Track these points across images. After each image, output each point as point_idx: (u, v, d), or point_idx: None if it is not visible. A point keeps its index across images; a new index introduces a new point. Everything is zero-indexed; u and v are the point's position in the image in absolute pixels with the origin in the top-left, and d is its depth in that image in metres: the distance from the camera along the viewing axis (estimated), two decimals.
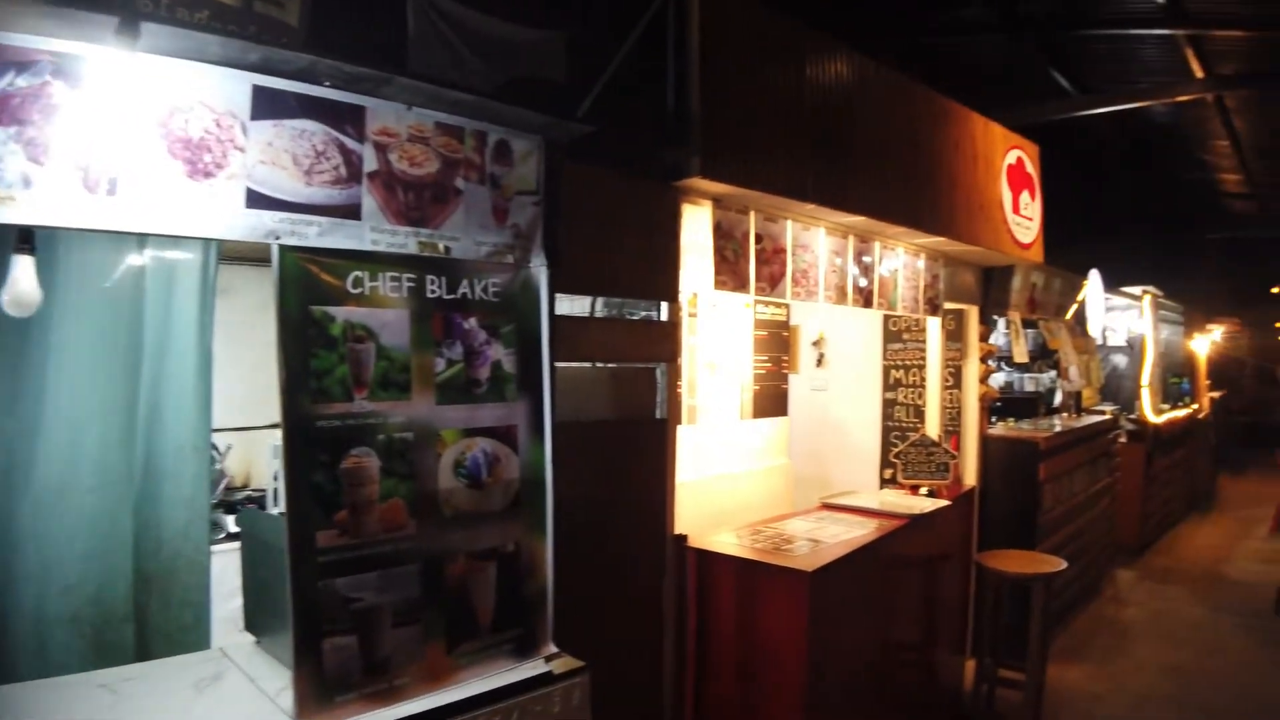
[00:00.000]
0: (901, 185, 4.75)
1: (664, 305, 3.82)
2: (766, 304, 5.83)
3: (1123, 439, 9.94)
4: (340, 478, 2.31)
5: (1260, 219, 15.07)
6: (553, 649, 2.79)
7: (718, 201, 3.94)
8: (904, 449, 5.30)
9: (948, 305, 6.22)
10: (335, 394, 2.31)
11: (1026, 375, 10.66)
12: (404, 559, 2.43)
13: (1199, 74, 7.86)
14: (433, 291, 2.54)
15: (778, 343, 5.96)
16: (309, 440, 2.27)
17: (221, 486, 4.51)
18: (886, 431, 6.48)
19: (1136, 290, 11.07)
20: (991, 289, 6.65)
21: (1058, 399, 9.54)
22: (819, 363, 7.03)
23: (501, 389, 2.71)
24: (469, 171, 2.66)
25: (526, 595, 2.74)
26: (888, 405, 6.60)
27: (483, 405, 2.66)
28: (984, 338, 6.57)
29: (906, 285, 5.38)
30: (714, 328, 5.42)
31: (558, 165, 2.92)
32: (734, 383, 5.56)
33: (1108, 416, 9.24)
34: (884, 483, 6.02)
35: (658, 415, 3.79)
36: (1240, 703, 5.90)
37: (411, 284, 2.49)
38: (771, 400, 5.84)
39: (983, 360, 6.51)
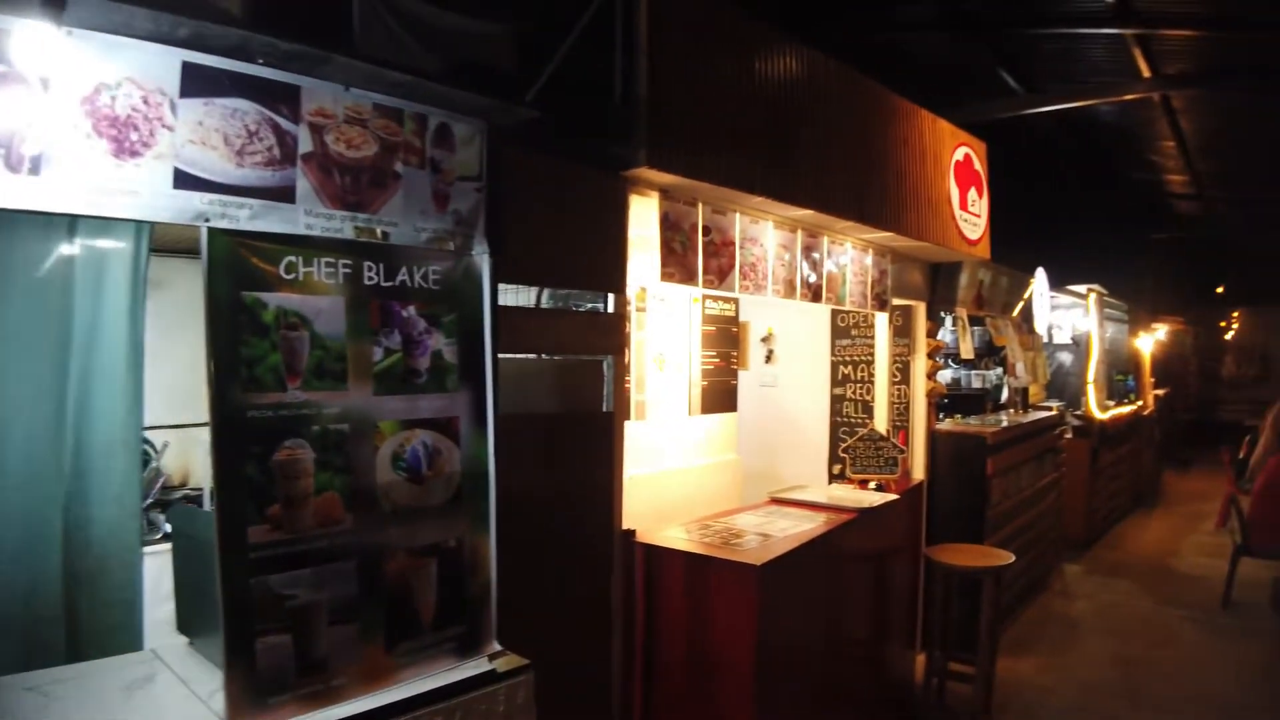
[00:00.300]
0: (849, 179, 4.74)
1: (611, 297, 3.77)
2: (715, 299, 5.83)
3: (1069, 435, 10.06)
4: (273, 470, 2.23)
5: (1205, 220, 15.34)
6: (496, 647, 2.73)
7: (665, 193, 3.90)
8: (852, 443, 5.30)
9: (895, 301, 6.23)
10: (267, 383, 2.24)
11: (974, 372, 10.73)
12: (340, 555, 2.36)
13: (1146, 73, 7.94)
14: (370, 278, 2.47)
15: (726, 338, 5.94)
16: (239, 431, 2.19)
17: (158, 485, 4.39)
18: (835, 427, 6.50)
19: (1082, 289, 11.22)
20: (939, 285, 6.69)
21: (1004, 395, 9.61)
22: (768, 359, 7.05)
23: (442, 379, 2.64)
24: (408, 155, 2.60)
25: (469, 592, 2.68)
26: (836, 401, 6.62)
27: (423, 396, 2.59)
28: (931, 334, 6.61)
29: (855, 280, 5.38)
30: (662, 322, 5.37)
31: (502, 151, 2.86)
32: (682, 378, 5.52)
33: (1053, 412, 9.32)
34: (833, 478, 6.03)
35: (604, 408, 3.74)
36: (1188, 693, 5.98)
37: (348, 270, 2.42)
38: (720, 396, 5.82)
39: (930, 356, 6.53)
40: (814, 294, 4.97)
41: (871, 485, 5.20)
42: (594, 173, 3.60)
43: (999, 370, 9.80)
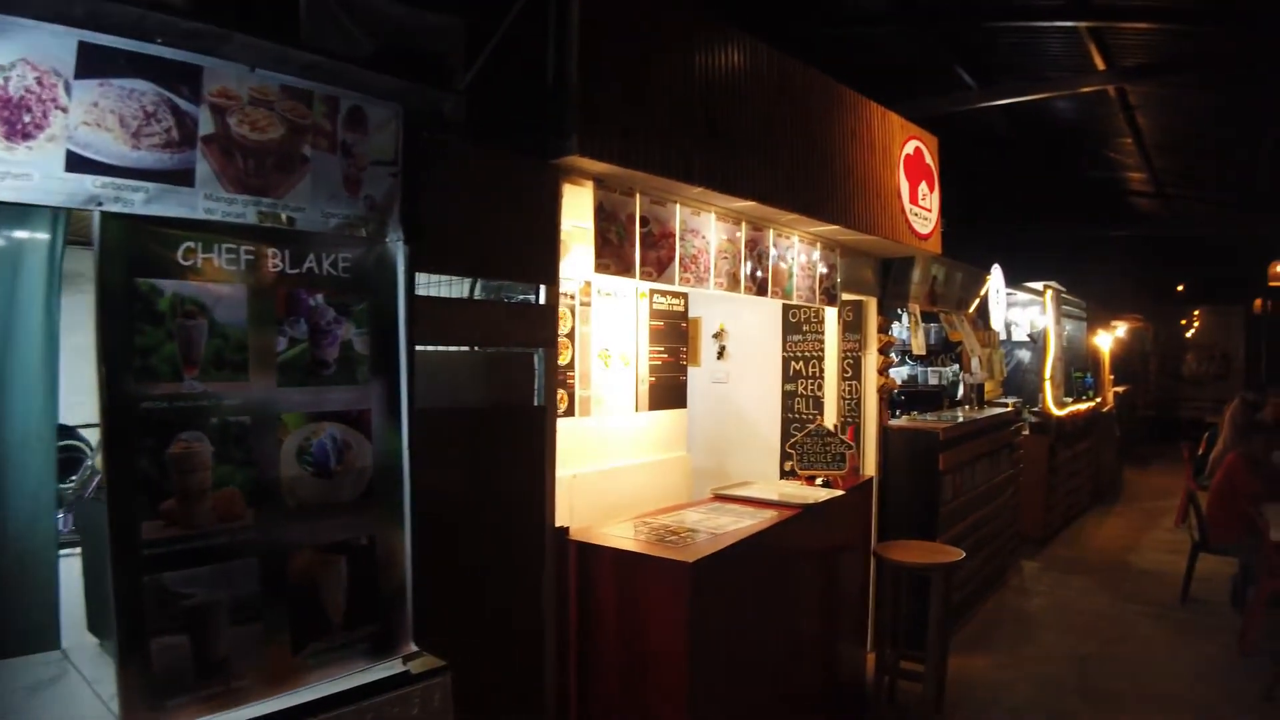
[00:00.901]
0: (793, 171, 4.71)
1: (543, 288, 3.69)
2: (664, 294, 5.79)
3: (1026, 432, 10.10)
4: (168, 464, 2.14)
5: (1165, 218, 15.46)
6: (413, 648, 2.65)
7: (600, 182, 3.85)
8: (800, 439, 5.26)
9: (846, 296, 6.22)
10: (162, 373, 2.15)
11: (930, 369, 10.76)
12: (241, 552, 2.27)
13: (1100, 66, 7.96)
14: (275, 265, 2.38)
15: (675, 334, 5.90)
16: (132, 423, 2.11)
17: (94, 484, 4.28)
18: (787, 423, 6.49)
19: (1039, 285, 11.27)
20: (891, 281, 6.68)
21: (960, 392, 9.63)
22: (720, 355, 7.03)
23: (353, 371, 2.55)
24: (318, 139, 2.51)
25: (383, 591, 2.60)
26: (788, 397, 6.61)
27: (331, 388, 2.50)
28: (883, 329, 6.59)
29: (802, 274, 5.35)
30: (608, 317, 5.32)
31: (421, 136, 2.79)
32: (629, 374, 5.48)
33: (1009, 409, 9.34)
34: (785, 474, 6.00)
35: (536, 403, 3.67)
36: (1144, 689, 5.99)
37: (250, 257, 2.33)
38: (669, 392, 5.80)
39: (881, 351, 6.53)
40: (760, 288, 4.94)
41: (819, 481, 5.17)
42: (524, 160, 3.54)
43: (955, 367, 9.83)
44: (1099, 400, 13.43)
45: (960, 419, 7.62)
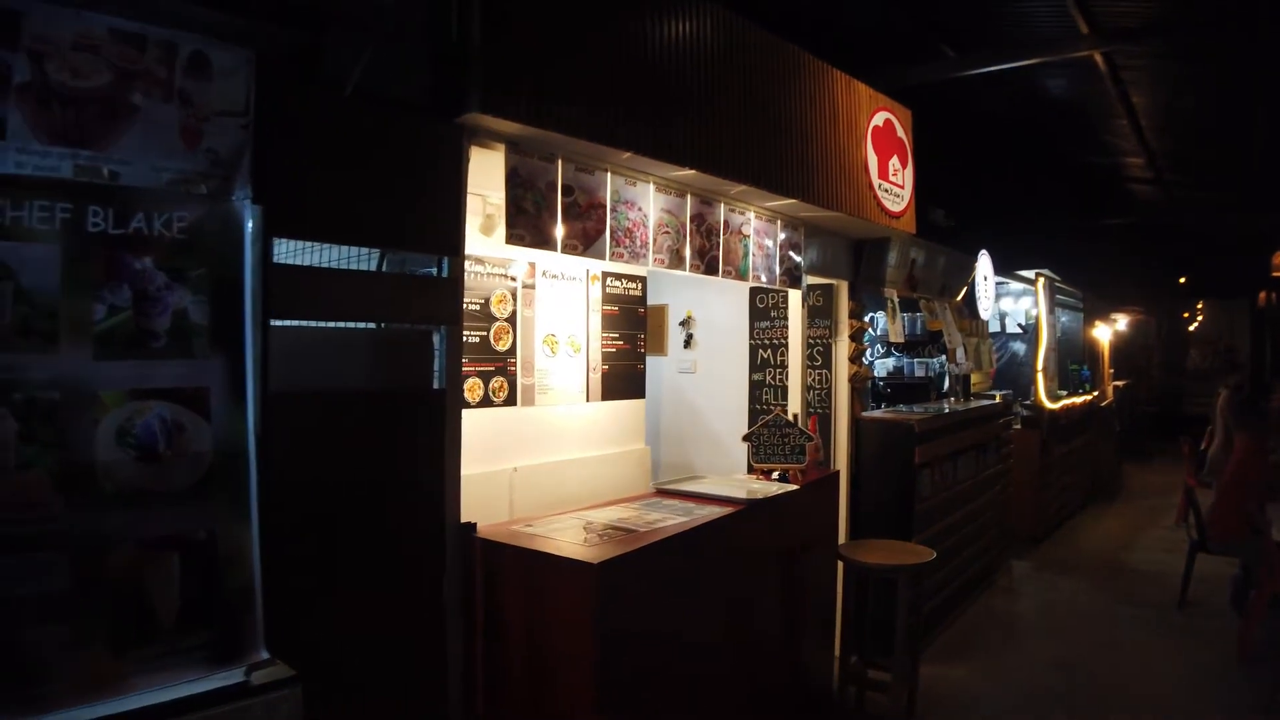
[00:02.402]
0: (741, 139, 4.47)
1: (445, 260, 3.45)
2: (619, 277, 5.61)
3: (1017, 426, 9.86)
4: None
5: (1164, 206, 15.15)
6: (263, 655, 2.38)
7: (514, 145, 3.61)
8: (756, 430, 5.01)
9: (813, 279, 6.00)
10: None
11: (917, 360, 10.56)
12: (48, 543, 2.02)
13: (1085, 30, 7.66)
14: (95, 225, 2.13)
15: (632, 319, 5.71)
16: None
17: None
18: (755, 415, 6.27)
19: (1030, 274, 11.02)
20: (864, 264, 6.44)
21: (947, 384, 9.40)
22: (687, 344, 6.89)
23: (187, 344, 2.29)
24: (150, 86, 2.30)
25: (225, 592, 2.33)
26: (755, 387, 6.42)
27: (160, 362, 2.25)
28: (855, 315, 6.35)
29: (759, 253, 5.12)
30: (555, 301, 5.14)
31: (281, 85, 2.56)
32: (579, 361, 5.29)
33: (997, 401, 9.10)
34: (752, 467, 5.75)
35: (435, 386, 3.43)
36: (1132, 699, 5.71)
37: (67, 215, 2.08)
38: (624, 381, 5.62)
39: (853, 338, 6.29)
40: (709, 266, 4.70)
41: (775, 475, 4.92)
42: (414, 118, 3.28)
43: (943, 358, 9.61)
44: (1097, 394, 13.18)
45: (942, 411, 7.36)
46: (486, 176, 3.74)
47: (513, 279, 4.86)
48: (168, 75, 2.33)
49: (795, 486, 4.71)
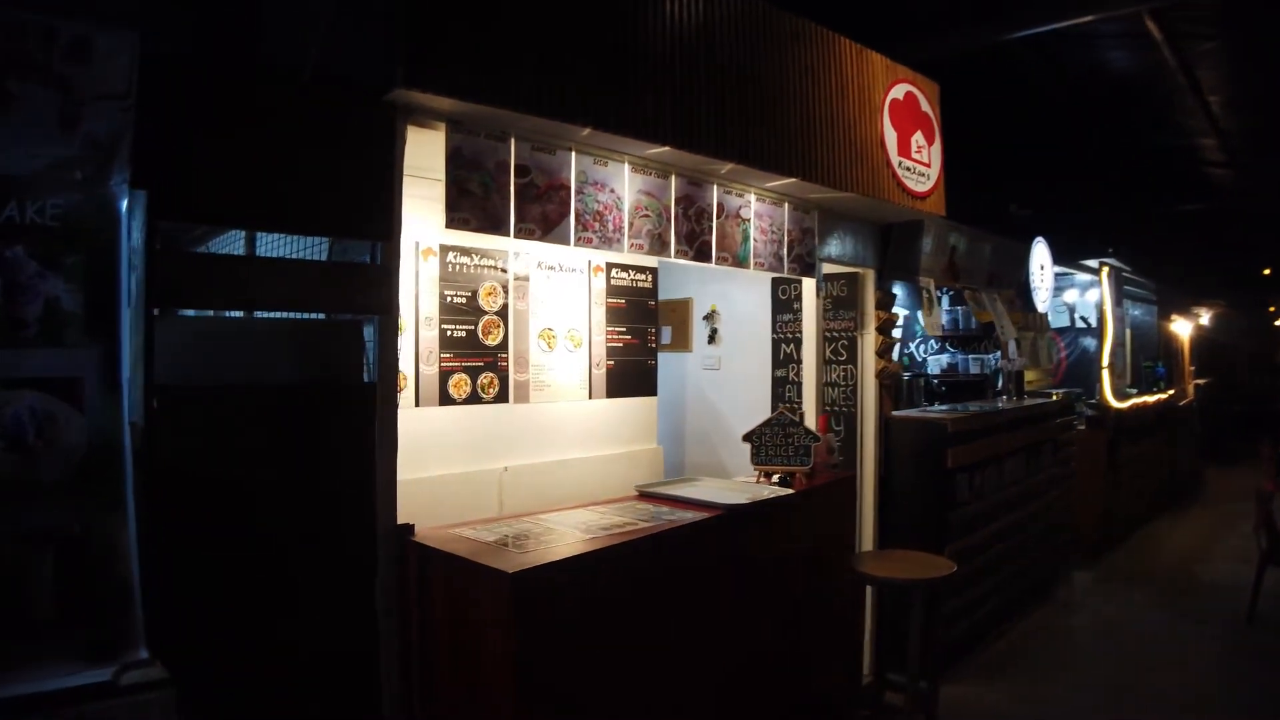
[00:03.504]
0: (728, 113, 4.09)
1: (378, 247, 3.18)
2: (625, 268, 5.39)
3: (1080, 426, 9.31)
4: None
5: (1242, 191, 14.30)
6: (141, 655, 2.20)
7: (456, 123, 3.31)
8: (758, 429, 4.63)
9: (833, 268, 5.61)
10: None
11: (971, 356, 10.06)
12: None
13: None
14: None
15: (641, 313, 5.49)
16: None
17: None
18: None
19: (1094, 263, 10.41)
20: (893, 250, 6.00)
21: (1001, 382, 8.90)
22: (712, 339, 6.70)
23: (59, 333, 2.19)
24: (27, 72, 2.17)
25: (100, 589, 2.21)
26: (778, 384, 6.10)
27: (31, 351, 2.16)
28: (883, 305, 5.92)
29: (762, 238, 4.74)
30: (552, 293, 4.95)
31: (169, 65, 2.41)
32: (580, 357, 5.10)
33: (1053, 399, 8.57)
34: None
35: (366, 380, 3.17)
36: None
37: None
38: (632, 378, 5.41)
39: (881, 331, 5.86)
40: (699, 253, 4.35)
41: (775, 479, 4.53)
42: (332, 97, 3.02)
43: (999, 353, 9.09)
44: (1174, 392, 12.49)
45: (984, 410, 6.89)
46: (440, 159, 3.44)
47: (504, 270, 4.67)
48: (46, 61, 2.20)
49: (789, 491, 4.29)
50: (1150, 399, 11.26)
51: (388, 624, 3.19)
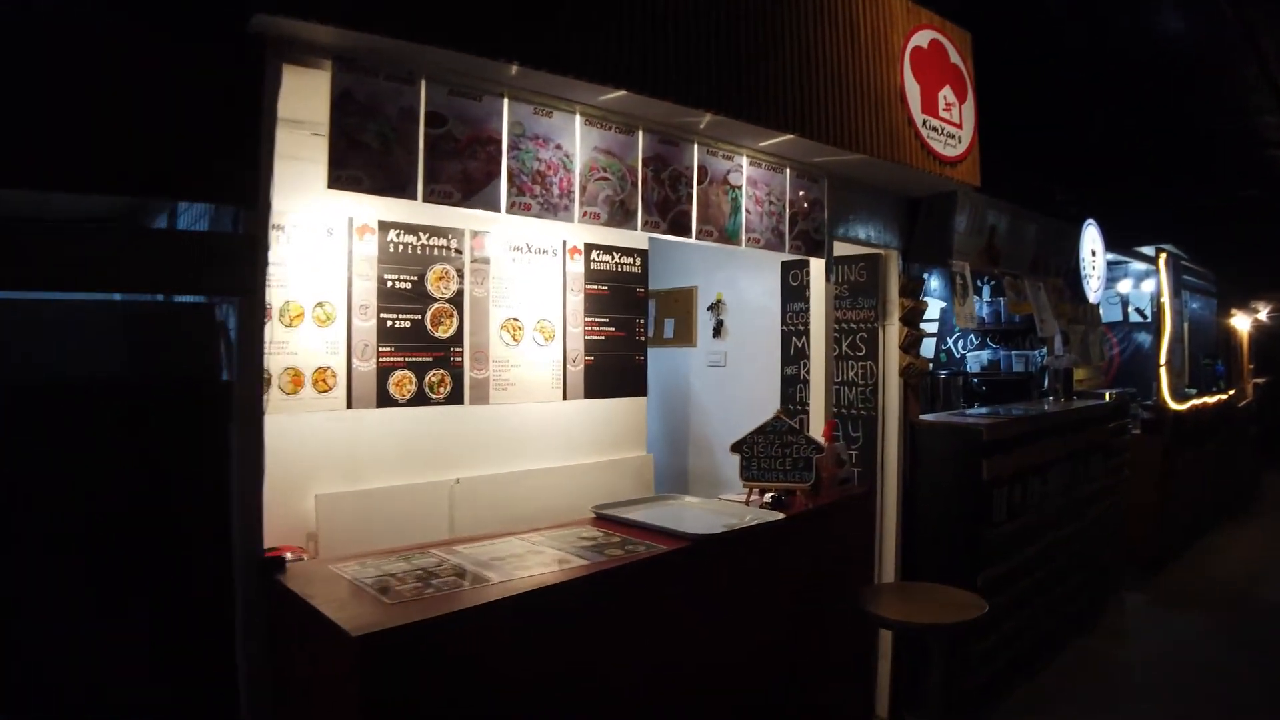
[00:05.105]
0: (704, 53, 3.39)
1: (238, 214, 2.55)
2: (609, 250, 4.82)
3: (1135, 430, 8.51)
4: None
5: None
6: None
7: (346, 61, 2.67)
8: (749, 438, 3.90)
9: (851, 248, 4.91)
10: None
11: (1015, 352, 9.30)
12: None
13: None
14: None
15: (628, 301, 4.93)
16: None
17: None
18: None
19: (1150, 250, 9.58)
20: (921, 229, 5.25)
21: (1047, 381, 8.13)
22: (717, 332, 6.11)
23: None
24: None
25: None
26: (788, 382, 5.48)
27: None
28: (909, 292, 5.18)
29: (758, 209, 4.04)
30: (518, 278, 4.41)
31: None
32: (552, 351, 4.57)
33: (1107, 400, 7.77)
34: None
35: (223, 377, 2.57)
36: None
37: None
38: (615, 376, 4.87)
39: (906, 322, 5.12)
40: (674, 224, 3.65)
41: (767, 498, 3.81)
42: (180, 26, 2.44)
43: (1045, 350, 8.31)
44: (1233, 392, 11.63)
45: (1028, 413, 6.12)
46: None
47: (458, 251, 4.15)
48: None
49: (781, 516, 3.55)
50: (1210, 400, 10.42)
51: (253, 672, 2.56)
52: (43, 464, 2.25)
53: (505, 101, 3.04)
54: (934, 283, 9.02)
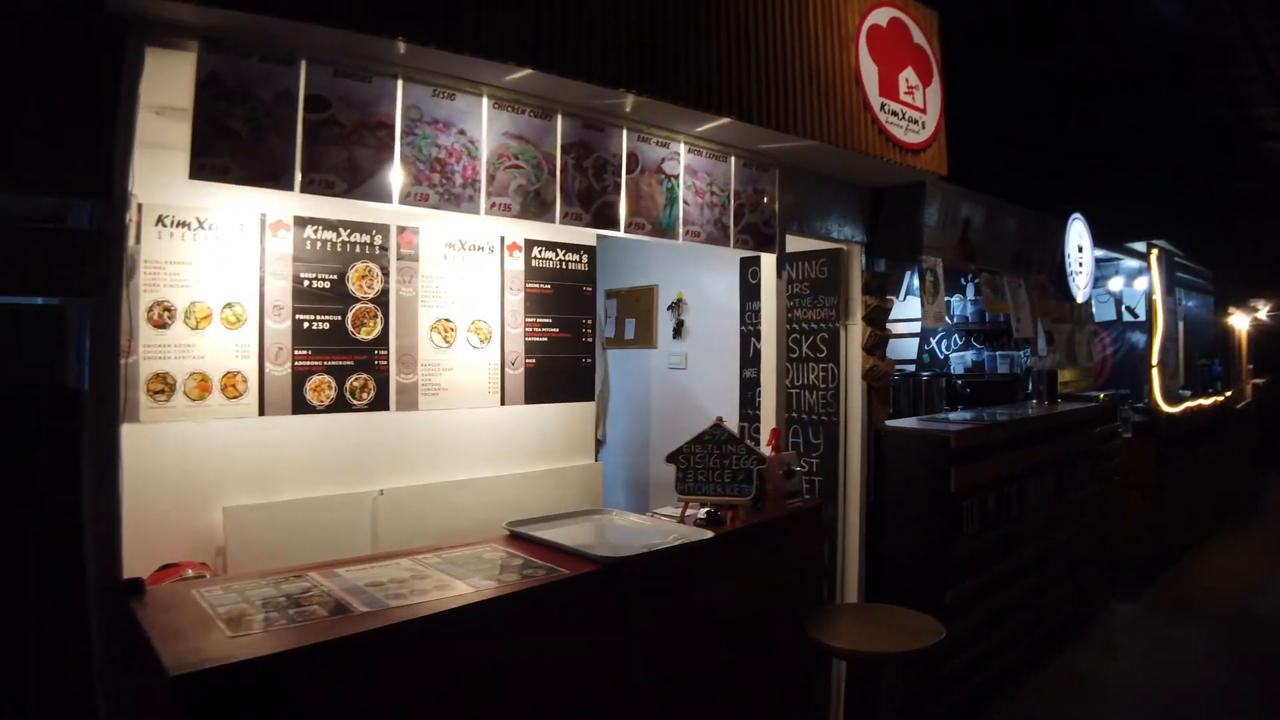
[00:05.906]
0: (622, 27, 3.18)
1: (87, 206, 2.37)
2: (552, 247, 4.70)
3: (1126, 434, 8.31)
4: None
5: None
6: None
7: (212, 41, 2.49)
8: (685, 447, 3.68)
9: (811, 243, 4.69)
10: None
11: (1000, 354, 9.09)
12: None
13: None
14: None
15: (574, 301, 4.80)
16: None
17: None
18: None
19: (1141, 245, 9.38)
20: (884, 221, 5.04)
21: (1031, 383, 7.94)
22: (677, 332, 5.92)
23: None
24: None
25: None
26: (747, 386, 5.33)
27: None
28: (874, 290, 4.97)
29: (698, 200, 3.84)
30: (451, 276, 4.28)
31: None
32: (489, 354, 4.44)
33: (1095, 403, 7.57)
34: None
35: (72, 384, 2.37)
36: None
37: None
38: (560, 379, 4.74)
39: (870, 321, 4.92)
40: (598, 216, 3.45)
41: (703, 513, 3.59)
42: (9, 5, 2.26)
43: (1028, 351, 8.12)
44: (1231, 394, 11.43)
45: (998, 418, 5.91)
46: None
47: (383, 249, 4.01)
48: None
49: (707, 535, 3.30)
50: (1206, 401, 10.22)
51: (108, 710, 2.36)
52: None
53: (399, 83, 2.85)
54: (917, 280, 8.83)
